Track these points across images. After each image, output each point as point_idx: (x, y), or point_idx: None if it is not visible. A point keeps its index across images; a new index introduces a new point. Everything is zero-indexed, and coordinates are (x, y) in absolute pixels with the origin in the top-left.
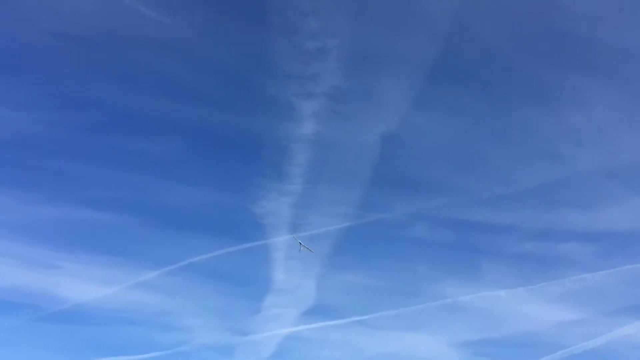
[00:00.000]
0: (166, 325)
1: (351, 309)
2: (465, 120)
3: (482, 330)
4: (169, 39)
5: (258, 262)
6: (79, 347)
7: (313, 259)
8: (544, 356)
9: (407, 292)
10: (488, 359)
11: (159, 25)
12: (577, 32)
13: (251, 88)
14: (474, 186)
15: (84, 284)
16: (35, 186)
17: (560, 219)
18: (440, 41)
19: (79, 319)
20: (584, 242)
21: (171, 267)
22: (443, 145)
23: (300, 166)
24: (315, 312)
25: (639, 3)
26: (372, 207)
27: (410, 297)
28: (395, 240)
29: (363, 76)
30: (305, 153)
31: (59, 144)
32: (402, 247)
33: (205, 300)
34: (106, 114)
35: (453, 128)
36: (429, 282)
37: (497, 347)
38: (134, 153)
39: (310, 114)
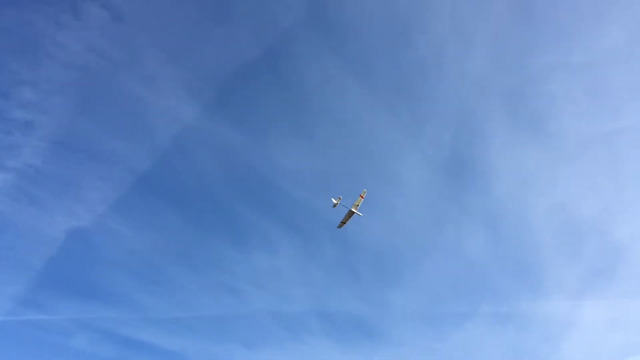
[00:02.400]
0: None
1: None
2: (160, 237)
3: None
4: None
5: None
6: None
7: None
8: None
9: None
10: None
11: None
12: (281, 186)
13: None
14: (151, 304)
15: None
16: None
17: (225, 352)
18: (158, 155)
19: None
20: None
21: None
22: (132, 255)
23: None
24: None
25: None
26: (35, 304)
27: None
28: (50, 345)
29: (66, 163)
30: None
31: None
32: (55, 355)
33: None
34: None
35: (147, 241)
36: None
37: None
38: None
39: None
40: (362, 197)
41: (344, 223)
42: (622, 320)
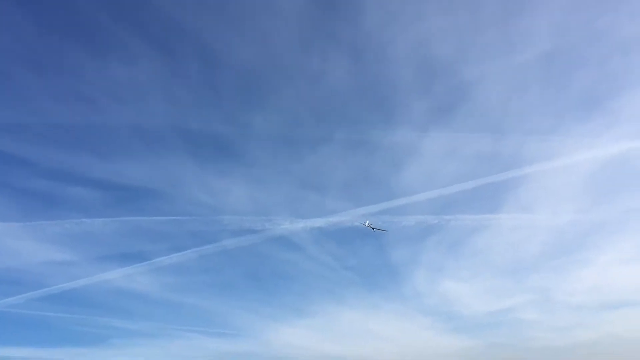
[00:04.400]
0: None
1: None
2: (4, 37)
3: None
4: None
5: None
6: None
7: None
8: (25, 293)
9: None
10: None
11: None
12: None
13: None
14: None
15: None
16: None
17: (76, 162)
18: None
19: None
20: (93, 188)
21: None
22: None
23: None
24: None
25: None
26: None
27: None
28: None
29: None
30: None
31: None
32: None
33: None
34: None
35: None
36: None
37: None
38: None
39: None
40: None
41: None
42: (457, 153)
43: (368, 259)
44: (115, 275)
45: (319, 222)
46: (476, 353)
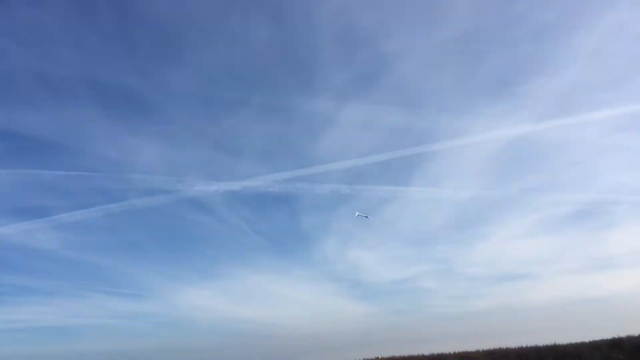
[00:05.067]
0: None
1: None
2: None
3: None
4: None
5: None
6: None
7: None
8: None
9: None
10: None
11: None
12: None
13: None
14: None
15: None
16: None
17: None
18: None
19: None
20: None
21: None
22: None
23: None
24: None
25: None
26: None
27: None
28: None
29: None
30: None
31: None
32: None
33: None
34: None
35: None
36: None
37: None
38: None
39: None
40: None
41: None
42: (374, 124)
43: (280, 225)
44: (12, 231)
45: (233, 185)
46: (379, 319)
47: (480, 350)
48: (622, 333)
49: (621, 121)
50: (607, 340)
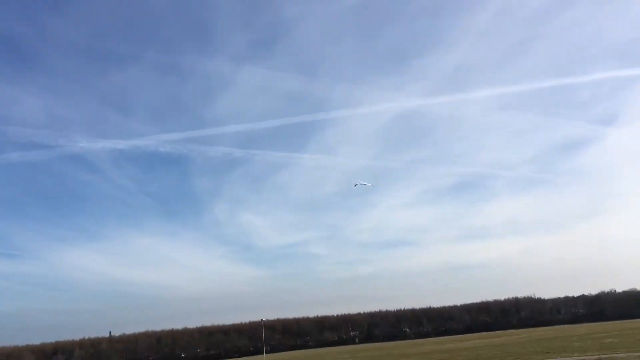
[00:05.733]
0: None
1: None
2: None
3: None
4: None
5: None
6: None
7: None
8: None
9: None
10: None
11: None
12: None
13: None
14: None
15: None
16: None
17: None
18: None
19: None
20: None
21: None
22: None
23: None
24: None
25: None
26: None
27: None
28: None
29: None
30: None
31: None
32: None
33: None
34: None
35: None
36: None
37: None
38: None
39: None
40: None
41: None
42: (271, 89)
43: (170, 186)
44: None
45: (121, 144)
46: (269, 282)
47: (362, 312)
48: (490, 297)
49: (503, 100)
50: (476, 303)
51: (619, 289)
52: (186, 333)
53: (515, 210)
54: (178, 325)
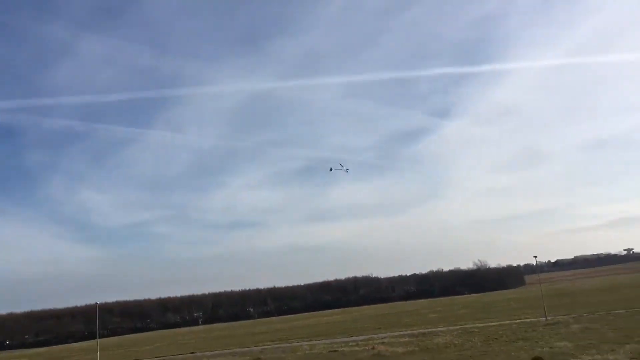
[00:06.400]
0: None
1: None
2: None
3: None
4: None
5: None
6: None
7: None
8: None
9: None
10: None
11: None
12: None
13: None
14: None
15: None
16: None
17: None
18: None
19: None
20: None
21: None
22: None
23: None
24: None
25: None
26: None
27: None
28: None
29: None
30: None
31: None
32: None
33: None
34: None
35: None
36: None
37: None
38: None
39: None
40: None
41: None
42: (117, 61)
43: None
44: None
45: None
46: (109, 263)
47: (207, 293)
48: (332, 277)
49: (350, 89)
50: (318, 282)
51: (446, 268)
52: (11, 318)
53: (357, 194)
54: (2, 310)
